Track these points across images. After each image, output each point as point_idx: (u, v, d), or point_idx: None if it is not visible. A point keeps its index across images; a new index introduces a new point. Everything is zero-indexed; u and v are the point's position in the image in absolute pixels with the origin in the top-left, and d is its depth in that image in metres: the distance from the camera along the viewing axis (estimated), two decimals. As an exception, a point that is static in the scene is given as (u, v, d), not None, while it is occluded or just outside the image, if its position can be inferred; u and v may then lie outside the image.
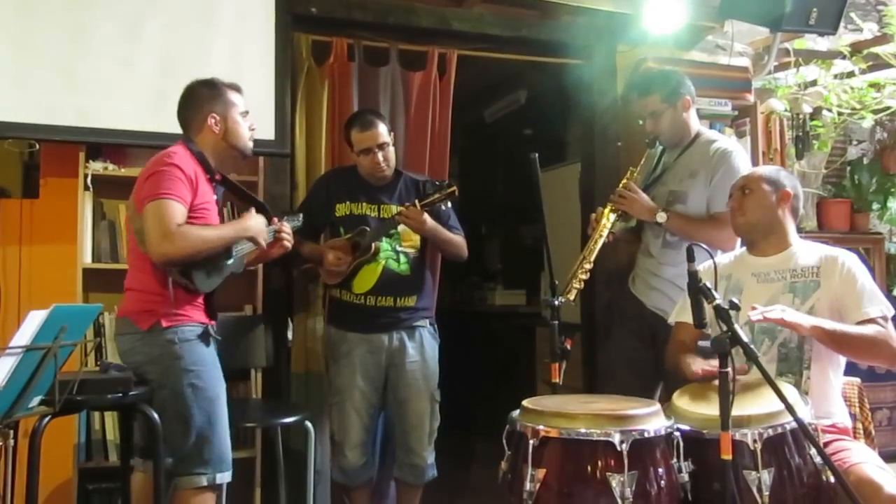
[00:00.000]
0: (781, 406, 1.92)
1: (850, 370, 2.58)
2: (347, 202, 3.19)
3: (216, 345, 2.62)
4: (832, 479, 1.99)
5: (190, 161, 2.52)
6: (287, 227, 2.79)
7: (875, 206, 4.86)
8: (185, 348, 2.46)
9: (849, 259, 2.42)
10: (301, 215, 2.98)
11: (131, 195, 2.54)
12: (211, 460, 2.46)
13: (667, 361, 2.59)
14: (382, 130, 3.15)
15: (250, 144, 2.71)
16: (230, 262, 2.58)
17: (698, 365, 2.31)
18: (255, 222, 2.63)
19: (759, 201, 2.50)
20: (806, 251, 2.49)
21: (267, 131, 3.36)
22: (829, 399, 2.36)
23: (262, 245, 2.65)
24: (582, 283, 2.86)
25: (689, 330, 2.50)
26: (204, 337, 2.52)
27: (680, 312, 2.62)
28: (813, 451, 1.99)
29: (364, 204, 3.19)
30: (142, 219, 2.42)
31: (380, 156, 3.13)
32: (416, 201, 3.06)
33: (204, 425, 2.46)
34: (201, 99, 2.63)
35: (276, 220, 2.81)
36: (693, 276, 1.97)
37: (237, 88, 2.70)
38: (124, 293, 2.56)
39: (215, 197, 2.64)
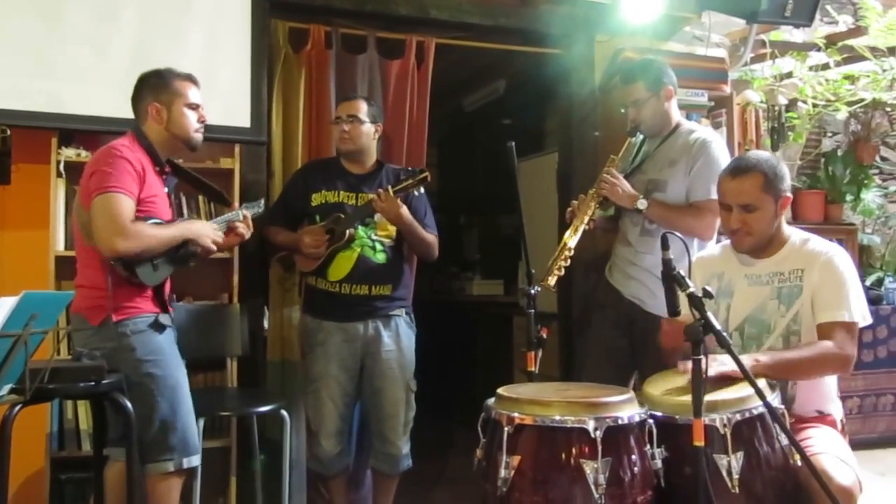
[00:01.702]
0: (750, 391, 1.95)
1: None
2: (323, 191, 3.18)
3: (175, 333, 2.65)
4: (799, 463, 2.02)
5: (138, 153, 2.54)
6: (247, 214, 2.82)
7: (848, 197, 4.92)
8: (138, 339, 2.48)
9: (833, 253, 2.33)
10: (262, 201, 2.99)
11: (79, 189, 2.55)
12: (176, 446, 2.50)
13: (663, 350, 2.52)
14: (360, 107, 3.17)
15: (197, 136, 2.69)
16: (180, 254, 2.59)
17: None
18: (197, 226, 2.66)
19: (767, 218, 2.34)
20: (797, 248, 2.39)
21: (243, 118, 3.35)
22: (817, 391, 2.34)
23: (208, 247, 2.64)
24: (562, 269, 2.87)
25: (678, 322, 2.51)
26: (156, 326, 2.54)
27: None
28: (781, 435, 2.02)
29: (341, 192, 3.18)
30: (89, 212, 2.43)
31: (345, 126, 3.14)
32: (389, 187, 3.06)
33: (166, 412, 2.49)
34: (146, 88, 2.65)
35: (235, 206, 2.82)
36: (667, 264, 1.98)
37: (191, 79, 2.70)
38: (75, 287, 2.56)
39: (166, 189, 2.67)
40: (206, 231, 2.65)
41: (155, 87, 2.64)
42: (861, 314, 2.28)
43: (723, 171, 2.45)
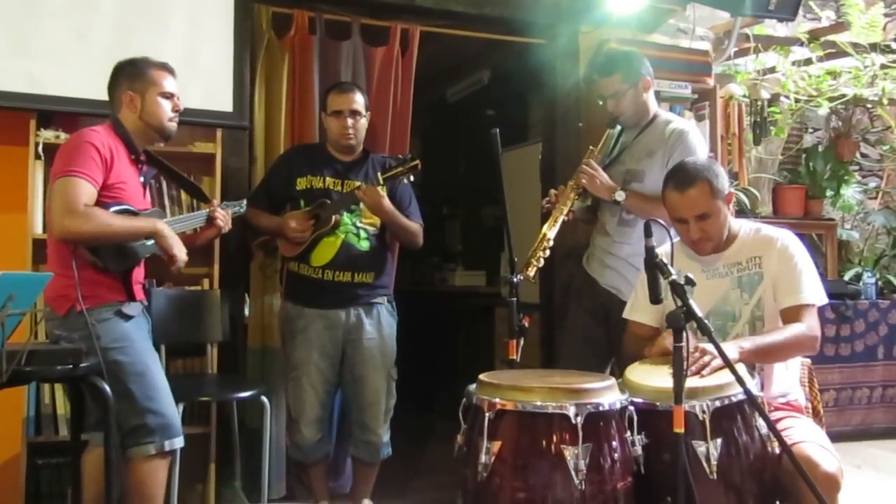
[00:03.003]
0: (730, 379, 1.96)
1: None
2: (308, 176, 3.16)
3: (147, 321, 2.65)
4: (777, 451, 2.04)
5: (110, 140, 2.53)
6: (221, 212, 2.80)
7: (829, 192, 4.97)
8: (103, 328, 2.47)
9: (786, 239, 2.41)
10: (244, 202, 2.97)
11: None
12: (156, 429, 2.50)
13: (626, 352, 2.56)
14: (359, 99, 3.16)
15: (170, 126, 2.68)
16: (149, 243, 2.57)
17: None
18: (163, 224, 2.58)
19: (720, 221, 2.38)
20: (750, 238, 2.45)
21: (225, 103, 3.32)
22: (782, 380, 2.39)
23: (172, 252, 2.55)
24: (542, 260, 2.87)
25: (643, 328, 2.53)
26: (120, 315, 2.53)
27: (633, 310, 2.60)
28: (760, 422, 2.04)
29: (328, 178, 3.16)
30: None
31: (349, 121, 3.12)
32: (379, 174, 3.05)
33: (141, 398, 2.49)
34: (121, 76, 2.64)
35: (213, 203, 2.83)
36: (649, 252, 1.99)
37: (166, 68, 2.69)
38: None
39: (141, 179, 2.67)
40: (174, 236, 2.58)
41: (129, 75, 2.63)
42: (819, 296, 2.36)
43: (666, 184, 2.44)
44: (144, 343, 2.59)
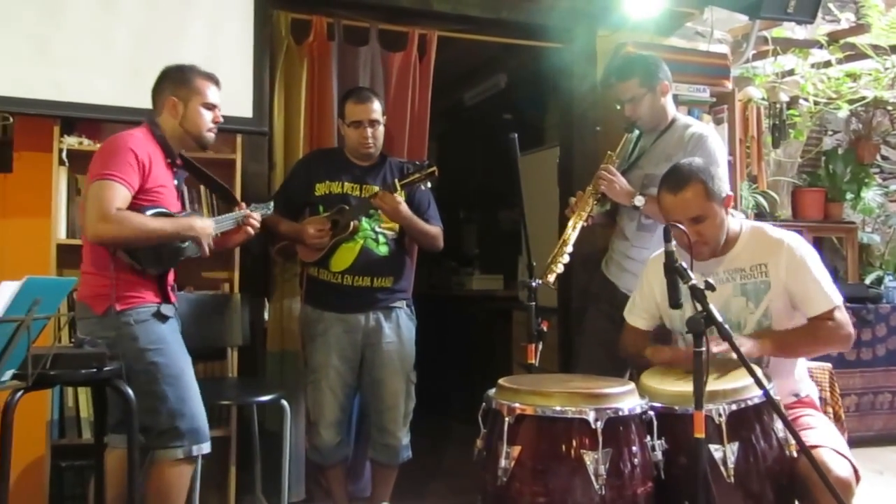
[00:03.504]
0: (746, 382, 1.96)
1: (821, 356, 2.62)
2: (327, 181, 3.18)
3: (179, 323, 2.66)
4: (794, 454, 2.03)
5: (148, 144, 2.55)
6: (255, 216, 2.81)
7: (849, 195, 4.93)
8: (141, 329, 2.49)
9: (792, 243, 2.36)
10: (272, 203, 2.98)
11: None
12: (186, 433, 2.50)
13: (626, 350, 2.59)
14: (377, 108, 3.17)
15: (209, 136, 2.70)
16: (186, 245, 2.59)
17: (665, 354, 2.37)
18: (201, 224, 2.63)
19: (716, 224, 2.34)
20: (751, 243, 2.40)
21: (245, 109, 3.34)
22: (792, 376, 2.39)
23: (205, 251, 2.62)
24: (561, 266, 2.88)
25: (638, 332, 2.57)
26: (158, 316, 2.54)
27: (630, 312, 2.61)
28: (776, 425, 2.03)
29: (346, 183, 3.18)
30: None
31: (368, 131, 3.14)
32: (396, 180, 3.06)
33: (174, 400, 2.49)
34: (167, 81, 2.66)
35: (242, 205, 2.82)
36: (669, 256, 1.99)
37: (212, 79, 2.71)
38: (80, 275, 2.57)
39: (175, 182, 2.67)
40: (208, 231, 2.63)
41: (175, 80, 2.65)
42: (837, 293, 2.34)
43: (660, 187, 2.42)
44: (180, 346, 2.60)
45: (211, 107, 2.68)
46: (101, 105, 3.10)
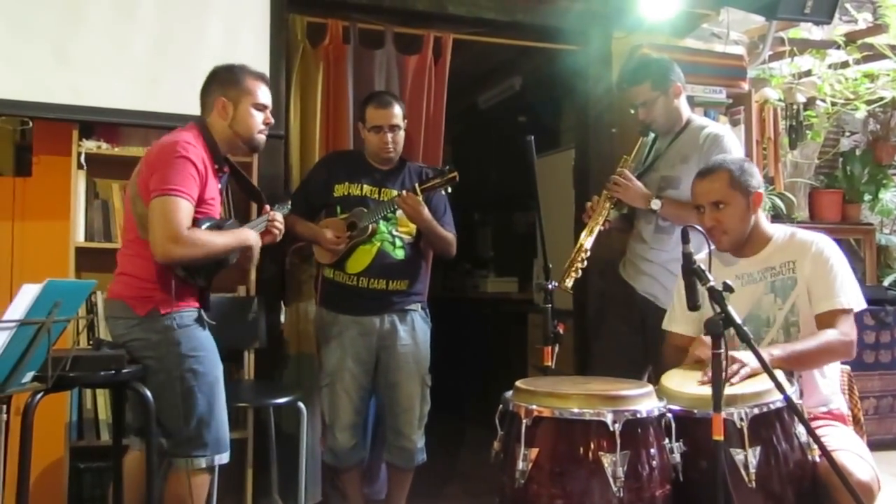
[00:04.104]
0: (768, 386, 1.94)
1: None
2: (346, 183, 3.19)
3: (210, 329, 2.63)
4: (816, 458, 2.02)
5: (201, 152, 2.47)
6: (279, 217, 2.78)
7: (867, 196, 4.89)
8: (184, 334, 2.45)
9: (821, 243, 2.38)
10: (290, 201, 2.98)
11: (134, 175, 2.50)
12: (210, 443, 2.47)
13: (665, 363, 2.55)
14: (397, 112, 3.17)
15: (260, 138, 2.63)
16: (232, 258, 2.58)
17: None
18: (255, 237, 2.60)
19: (738, 214, 2.38)
20: (784, 242, 2.43)
21: (262, 113, 3.35)
22: (822, 388, 2.37)
23: (257, 257, 2.64)
24: (579, 271, 2.88)
25: (682, 338, 2.53)
26: (200, 321, 2.52)
27: (670, 321, 2.59)
28: (798, 430, 2.02)
29: (365, 186, 3.19)
30: (148, 209, 2.38)
31: (388, 136, 3.14)
32: (416, 185, 3.07)
33: (204, 409, 2.46)
34: (217, 81, 2.59)
35: (267, 208, 2.81)
36: (687, 258, 1.98)
37: (263, 79, 2.64)
38: (116, 275, 2.54)
39: (219, 187, 2.61)
40: (257, 240, 2.61)
41: (225, 81, 2.58)
42: (856, 300, 2.33)
43: (695, 176, 2.49)
44: (216, 354, 2.55)
45: (262, 107, 2.60)
46: (120, 109, 3.12)
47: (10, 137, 3.21)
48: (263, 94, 2.62)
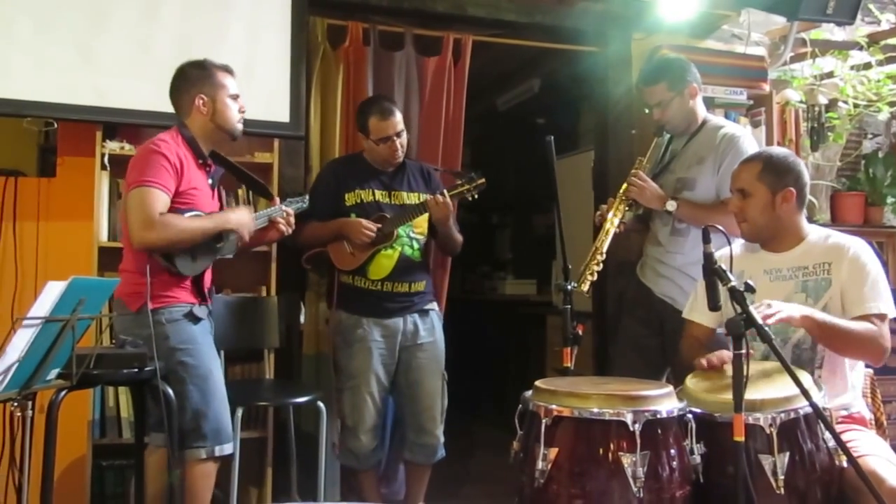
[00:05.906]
0: (794, 391, 1.92)
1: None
2: (356, 190, 3.19)
3: (211, 325, 2.69)
4: (844, 465, 2.00)
5: (178, 148, 2.58)
6: (290, 211, 2.83)
7: (889, 199, 4.83)
8: (172, 328, 2.53)
9: (858, 247, 2.35)
10: (306, 196, 2.99)
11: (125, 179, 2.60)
12: (208, 434, 2.54)
13: (683, 356, 2.54)
14: (399, 118, 3.19)
15: (239, 127, 2.74)
16: (220, 245, 2.63)
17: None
18: (237, 216, 2.69)
19: (759, 206, 2.38)
20: (819, 244, 2.41)
21: (282, 113, 3.38)
22: (843, 393, 2.34)
23: (245, 238, 2.70)
24: (595, 274, 2.86)
25: (701, 328, 2.52)
26: (190, 317, 2.58)
27: (692, 310, 2.58)
28: (826, 435, 2.00)
29: (376, 191, 3.20)
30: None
31: (398, 143, 3.16)
32: (445, 191, 3.10)
33: (198, 401, 2.53)
34: (190, 80, 2.68)
35: (276, 200, 2.83)
36: (708, 258, 1.97)
37: (228, 70, 2.74)
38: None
39: (209, 181, 2.71)
40: (245, 222, 2.68)
41: (199, 79, 2.67)
42: (891, 307, 2.30)
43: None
44: (209, 347, 2.63)
45: (235, 97, 2.71)
46: (143, 111, 3.14)
47: (34, 138, 3.26)
48: (233, 85, 2.73)
